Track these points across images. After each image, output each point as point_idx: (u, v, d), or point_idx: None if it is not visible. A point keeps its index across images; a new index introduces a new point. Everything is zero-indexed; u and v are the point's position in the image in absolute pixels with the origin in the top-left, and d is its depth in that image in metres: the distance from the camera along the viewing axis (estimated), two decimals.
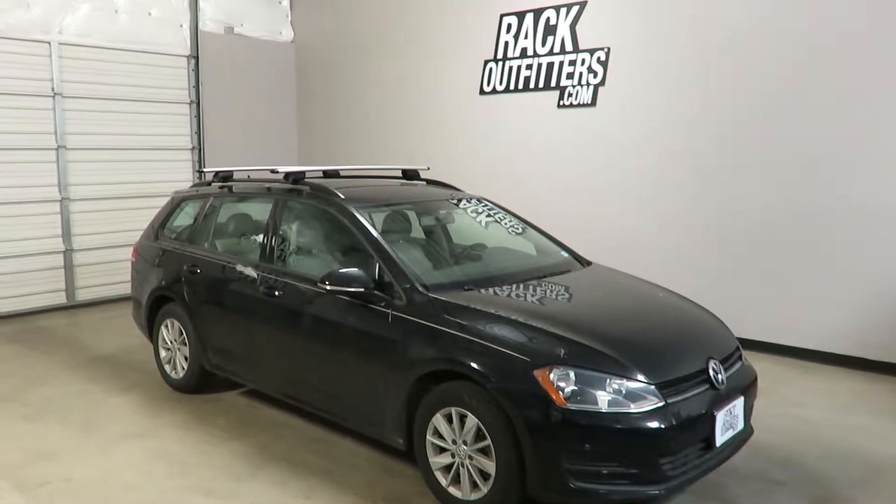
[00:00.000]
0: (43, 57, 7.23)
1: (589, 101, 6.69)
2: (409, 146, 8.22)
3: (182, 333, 4.86)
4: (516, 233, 4.66)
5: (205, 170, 5.61)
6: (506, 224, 4.66)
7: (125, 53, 7.78)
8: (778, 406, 4.62)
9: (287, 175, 4.41)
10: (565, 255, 4.48)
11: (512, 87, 7.27)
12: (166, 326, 5.01)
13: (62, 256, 7.55)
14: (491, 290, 3.63)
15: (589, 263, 4.41)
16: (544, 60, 6.99)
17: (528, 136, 7.17)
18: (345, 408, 3.84)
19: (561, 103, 6.88)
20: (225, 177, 5.07)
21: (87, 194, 7.65)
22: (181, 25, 8.26)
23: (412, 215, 4.50)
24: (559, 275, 4.05)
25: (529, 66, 7.11)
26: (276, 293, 4.10)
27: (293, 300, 4.03)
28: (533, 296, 3.68)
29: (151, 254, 5.22)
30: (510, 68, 7.26)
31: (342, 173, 5.10)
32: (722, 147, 5.89)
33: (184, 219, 5.22)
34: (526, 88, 7.15)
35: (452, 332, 3.25)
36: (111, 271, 7.78)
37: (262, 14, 9.05)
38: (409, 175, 5.11)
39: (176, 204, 5.31)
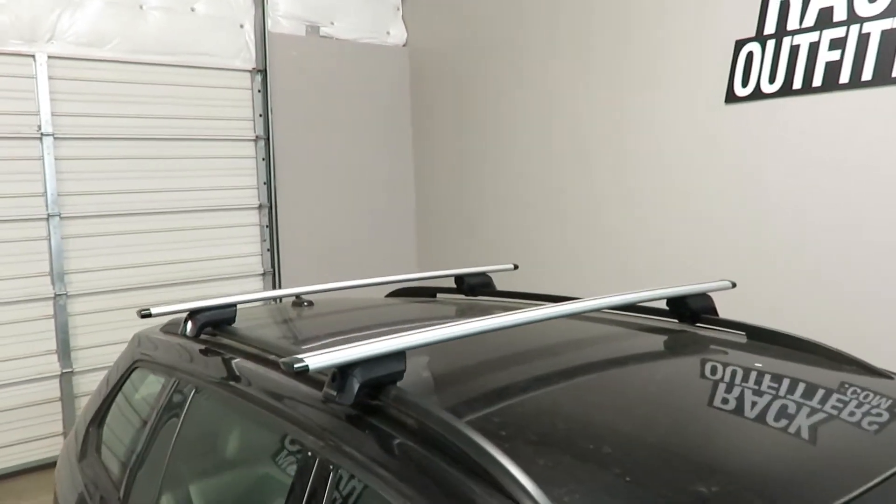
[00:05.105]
0: (24, 79, 4.67)
1: None
2: (599, 214, 4.98)
3: None
4: None
5: (157, 310, 2.10)
6: None
7: (155, 70, 5.12)
8: None
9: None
10: None
11: (798, 83, 3.89)
12: None
13: (58, 383, 4.92)
14: None
15: None
16: (874, 27, 3.58)
17: (847, 181, 3.75)
18: None
19: None
20: (216, 322, 2.03)
21: (95, 286, 4.98)
22: (241, 26, 5.54)
23: None
24: None
25: (838, 43, 3.72)
26: None
27: None
28: None
29: (70, 485, 2.29)
30: (793, 50, 3.90)
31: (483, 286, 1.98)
32: None
33: (136, 407, 2.26)
34: (831, 86, 3.75)
35: None
36: None
37: (361, 7, 6.17)
38: (693, 311, 1.85)
39: (125, 371, 2.35)
